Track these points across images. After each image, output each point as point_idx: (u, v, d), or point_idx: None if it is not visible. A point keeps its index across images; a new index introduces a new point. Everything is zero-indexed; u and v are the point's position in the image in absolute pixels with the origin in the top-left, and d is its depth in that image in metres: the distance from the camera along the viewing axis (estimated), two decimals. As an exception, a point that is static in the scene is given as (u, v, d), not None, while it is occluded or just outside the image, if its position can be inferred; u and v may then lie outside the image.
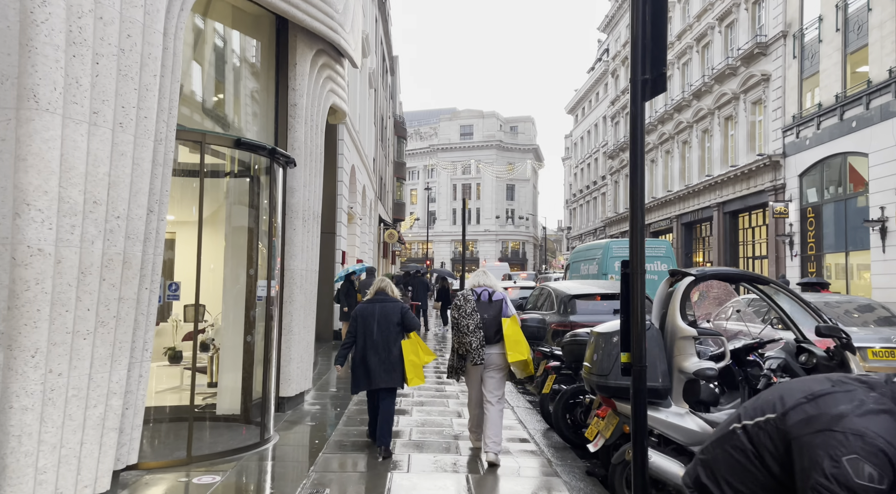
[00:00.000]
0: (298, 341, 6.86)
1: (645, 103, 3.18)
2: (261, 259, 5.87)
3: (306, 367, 7.11)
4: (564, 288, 8.54)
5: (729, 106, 28.48)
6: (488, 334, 5.27)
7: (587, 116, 55.40)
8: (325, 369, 10.38)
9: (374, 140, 24.79)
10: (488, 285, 5.50)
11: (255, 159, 5.76)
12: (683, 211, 33.60)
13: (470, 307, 5.23)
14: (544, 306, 9.11)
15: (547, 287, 9.26)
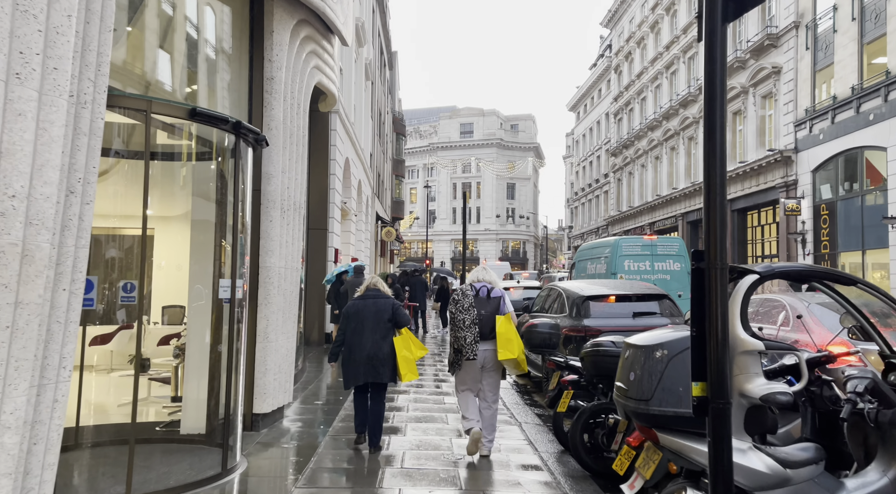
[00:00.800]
0: (276, 349, 5.99)
1: (726, 27, 2.30)
2: (224, 256, 5.01)
3: (285, 378, 6.24)
4: (576, 289, 7.69)
5: (737, 100, 27.61)
6: (484, 330, 5.27)
7: (589, 114, 54.53)
8: (314, 376, 9.52)
9: (372, 135, 23.92)
10: (488, 282, 5.50)
11: (218, 136, 4.90)
12: (689, 209, 32.74)
13: (467, 302, 5.25)
14: (553, 309, 8.25)
15: (556, 288, 8.41)
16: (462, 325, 5.21)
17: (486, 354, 5.32)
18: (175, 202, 6.03)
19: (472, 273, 5.72)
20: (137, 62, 4.95)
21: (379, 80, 28.11)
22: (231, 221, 4.71)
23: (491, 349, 5.31)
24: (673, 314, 7.23)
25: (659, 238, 13.97)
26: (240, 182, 4.80)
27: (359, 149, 17.92)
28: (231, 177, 4.76)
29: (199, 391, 5.35)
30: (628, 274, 13.57)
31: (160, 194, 6.35)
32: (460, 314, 5.24)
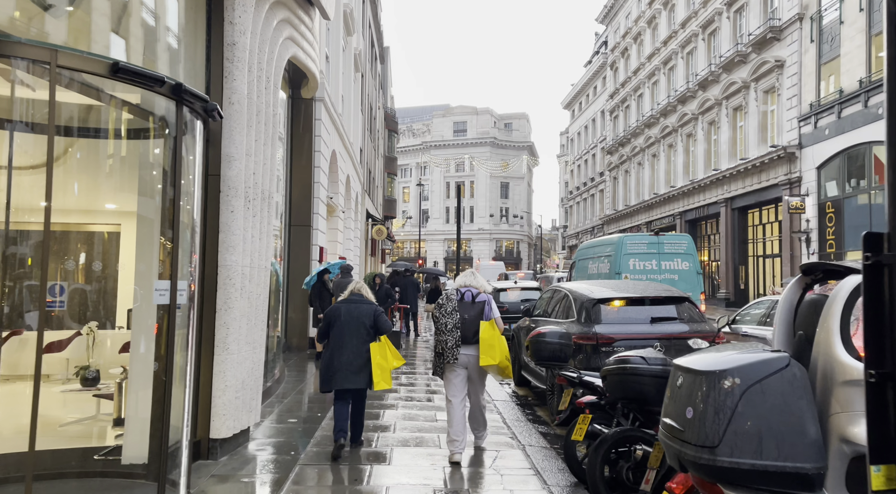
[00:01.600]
0: (239, 361, 5.10)
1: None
2: (163, 252, 4.12)
3: (251, 396, 5.35)
4: (585, 291, 6.83)
5: (738, 95, 26.89)
6: (466, 334, 5.26)
7: (584, 112, 53.80)
8: (293, 386, 8.63)
9: (362, 130, 23.01)
10: (474, 286, 5.49)
11: (160, 106, 4.00)
12: (687, 207, 32.01)
13: (451, 306, 5.25)
14: (558, 313, 7.40)
15: (562, 289, 7.55)
16: (444, 329, 5.20)
17: (469, 359, 5.29)
18: (121, 191, 5.13)
19: (460, 278, 5.70)
20: (59, 20, 4.05)
21: (370, 73, 27.21)
22: (172, 212, 3.81)
23: (474, 354, 5.28)
24: (694, 320, 6.39)
25: (666, 235, 13.14)
26: (184, 163, 3.91)
27: (347, 142, 17.02)
28: (171, 153, 3.85)
29: (141, 411, 4.46)
30: (633, 274, 12.76)
31: (117, 182, 5.46)
32: (443, 318, 5.23)
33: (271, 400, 7.41)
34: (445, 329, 5.20)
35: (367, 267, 25.15)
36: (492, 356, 5.20)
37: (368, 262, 26.15)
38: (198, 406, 4.82)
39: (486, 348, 5.21)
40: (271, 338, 9.06)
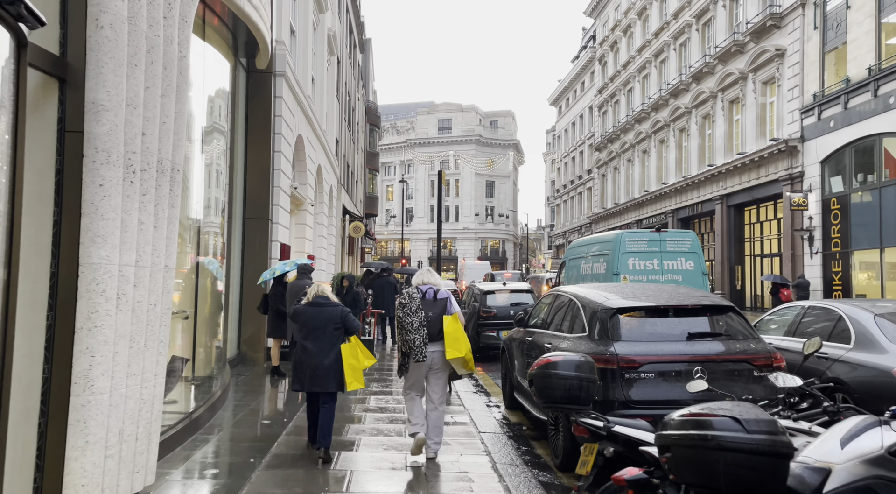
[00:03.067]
0: (114, 404, 3.53)
1: None
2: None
3: (137, 450, 3.78)
4: (598, 297, 5.33)
5: (735, 87, 25.68)
6: (432, 332, 5.30)
7: (571, 107, 52.57)
8: (232, 414, 7.04)
9: (338, 118, 21.39)
10: (433, 284, 5.56)
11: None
12: (680, 205, 30.81)
13: (415, 305, 5.29)
14: (560, 324, 5.91)
15: (565, 294, 6.05)
16: (410, 328, 5.23)
17: (434, 355, 5.35)
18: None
19: (417, 276, 5.72)
20: None
21: (347, 61, 25.59)
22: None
23: (439, 350, 5.34)
24: (745, 336, 4.92)
25: (669, 232, 11.74)
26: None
27: (318, 129, 15.40)
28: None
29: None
30: (633, 275, 11.35)
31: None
32: (408, 317, 5.25)
33: (196, 437, 5.83)
34: (412, 328, 5.21)
35: (343, 267, 23.53)
36: (458, 348, 5.26)
37: (346, 261, 24.50)
38: (42, 477, 3.25)
39: (451, 341, 5.25)
40: (210, 349, 7.47)
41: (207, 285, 7.31)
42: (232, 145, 9.16)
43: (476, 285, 13.16)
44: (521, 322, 7.11)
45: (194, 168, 6.78)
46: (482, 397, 8.48)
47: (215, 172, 8.18)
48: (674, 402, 4.27)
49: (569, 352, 3.66)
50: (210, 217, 7.77)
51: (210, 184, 7.89)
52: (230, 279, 9.52)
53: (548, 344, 5.70)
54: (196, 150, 6.96)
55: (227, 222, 8.79)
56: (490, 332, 11.71)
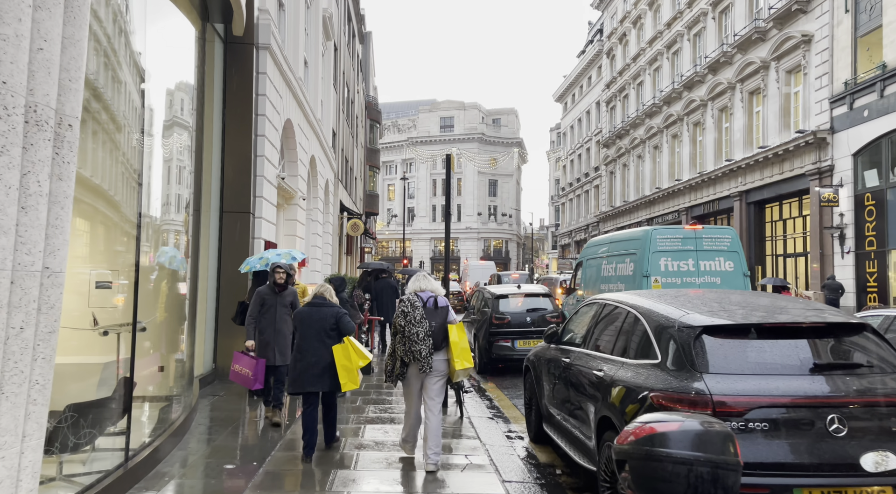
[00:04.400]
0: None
1: None
2: None
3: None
4: (671, 311, 3.87)
5: (756, 77, 24.27)
6: (436, 341, 5.17)
7: (578, 103, 51.16)
8: (196, 448, 5.65)
9: (335, 108, 20.01)
10: (432, 291, 5.37)
11: None
12: (695, 202, 29.38)
13: (419, 314, 5.14)
14: (611, 343, 4.50)
15: (618, 304, 4.61)
16: (416, 338, 5.06)
17: (437, 364, 5.22)
18: None
19: (414, 282, 5.49)
20: None
21: (345, 49, 24.22)
22: None
23: (441, 359, 5.23)
24: (891, 365, 3.49)
25: (705, 228, 10.34)
26: None
27: (311, 116, 14.00)
28: None
29: None
30: (665, 277, 9.97)
31: None
32: (413, 327, 5.09)
33: (140, 487, 4.44)
34: (418, 339, 5.06)
35: (341, 268, 22.11)
36: (466, 359, 5.16)
37: (343, 262, 23.09)
38: None
39: (459, 352, 5.14)
40: (169, 366, 6.11)
41: (168, 290, 5.95)
42: (201, 126, 7.75)
43: (487, 289, 11.76)
44: (552, 338, 5.70)
45: (148, 152, 5.41)
46: (500, 424, 7.09)
47: (177, 157, 6.81)
48: (800, 467, 2.87)
49: (684, 419, 2.22)
50: (170, 215, 6.41)
51: (170, 170, 6.53)
52: (201, 282, 8.14)
53: (598, 371, 4.31)
54: (151, 130, 5.61)
55: (193, 216, 7.40)
56: (504, 341, 10.32)
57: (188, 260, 7.24)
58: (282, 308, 6.79)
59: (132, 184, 5.23)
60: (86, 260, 4.76)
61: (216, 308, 8.81)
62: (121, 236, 5.17)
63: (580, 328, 5.22)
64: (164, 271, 6.26)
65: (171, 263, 6.22)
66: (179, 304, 6.63)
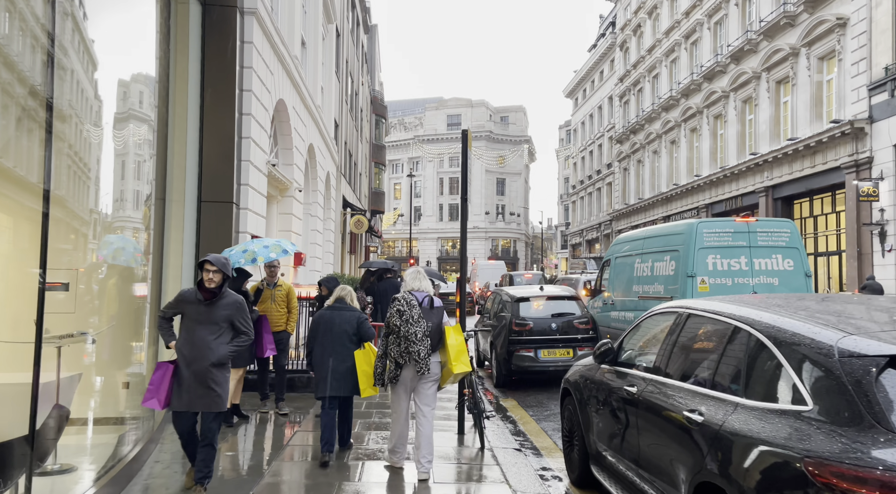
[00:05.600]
0: None
1: None
2: None
3: None
4: (823, 330, 2.56)
5: (783, 65, 22.87)
6: (432, 342, 4.98)
7: (589, 99, 49.76)
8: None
9: (338, 98, 18.77)
10: (427, 291, 5.18)
11: None
12: (716, 199, 27.98)
13: (416, 313, 4.94)
14: (711, 373, 3.18)
15: (699, 311, 3.32)
16: (414, 338, 4.85)
17: (433, 367, 5.02)
18: None
19: (412, 280, 5.24)
20: None
21: (350, 37, 22.97)
22: None
23: (436, 361, 5.05)
24: None
25: (759, 221, 9.02)
26: None
27: (309, 101, 12.74)
28: None
29: None
30: (713, 277, 8.67)
31: None
32: (410, 327, 4.86)
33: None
34: (416, 339, 4.84)
35: (344, 267, 20.85)
36: (465, 362, 4.98)
37: (347, 261, 21.82)
38: None
39: (457, 353, 4.93)
40: (116, 387, 4.88)
41: (119, 292, 4.73)
42: (169, 100, 6.50)
43: (504, 290, 10.46)
44: (606, 356, 4.39)
45: (99, 132, 4.24)
46: (529, 457, 5.80)
47: (135, 137, 5.64)
48: None
49: None
50: (125, 210, 5.24)
51: (128, 155, 5.38)
52: (171, 283, 6.88)
53: (691, 413, 3.01)
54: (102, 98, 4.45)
55: (156, 207, 6.16)
56: (526, 351, 9.02)
57: (149, 258, 6.00)
58: (206, 328, 4.40)
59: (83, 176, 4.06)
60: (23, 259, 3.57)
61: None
62: (67, 232, 4.03)
63: (649, 347, 3.92)
64: (113, 269, 5.01)
65: (115, 256, 5.00)
66: (135, 308, 5.38)
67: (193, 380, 4.27)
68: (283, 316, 7.25)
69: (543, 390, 9.28)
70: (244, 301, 4.61)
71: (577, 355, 9.07)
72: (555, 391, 9.15)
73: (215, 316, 4.37)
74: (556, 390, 9.65)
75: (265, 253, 6.44)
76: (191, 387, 4.28)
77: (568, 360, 9.03)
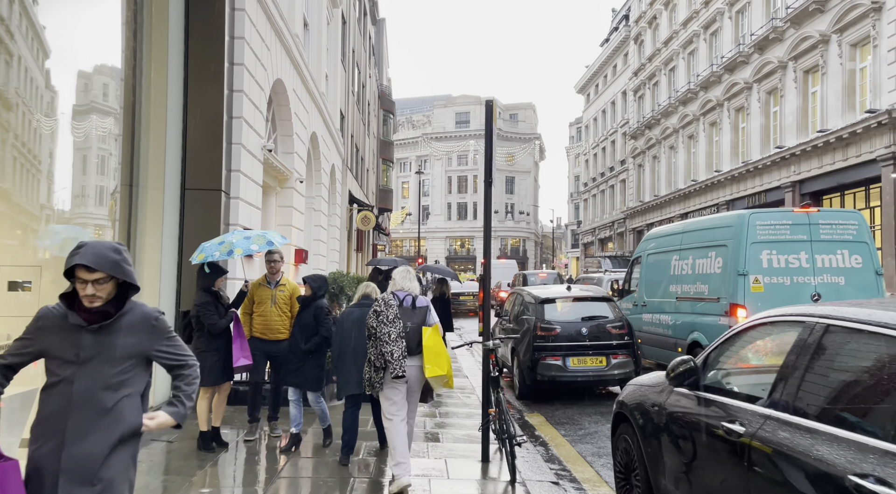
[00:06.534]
0: None
1: None
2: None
3: None
4: None
5: (812, 54, 21.71)
6: (411, 344, 4.76)
7: (601, 94, 48.61)
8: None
9: (344, 88, 17.82)
10: (411, 291, 4.96)
11: None
12: (737, 195, 26.83)
13: (392, 314, 4.74)
14: (848, 403, 2.17)
15: (840, 322, 2.37)
16: (387, 338, 4.66)
17: (413, 370, 4.77)
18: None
19: (401, 279, 4.99)
20: None
21: (357, 27, 22.02)
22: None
23: (417, 365, 4.77)
24: None
25: (822, 211, 7.96)
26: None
27: (312, 85, 11.77)
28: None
29: None
30: (769, 275, 7.65)
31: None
32: (384, 327, 4.68)
33: None
34: (389, 339, 4.64)
35: (350, 266, 19.87)
36: (439, 365, 4.65)
37: (353, 259, 20.85)
38: None
39: (431, 356, 4.65)
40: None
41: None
42: (141, 71, 5.54)
43: (526, 291, 9.44)
44: (685, 378, 3.36)
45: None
46: (569, 491, 4.78)
47: (98, 130, 4.81)
48: None
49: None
50: (87, 206, 4.38)
51: (90, 150, 4.62)
52: (148, 281, 5.92)
53: (866, 482, 1.99)
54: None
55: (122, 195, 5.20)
56: (552, 359, 8.00)
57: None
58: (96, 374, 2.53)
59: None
60: None
61: (175, 314, 6.60)
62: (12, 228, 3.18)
63: (757, 369, 2.91)
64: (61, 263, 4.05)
65: (63, 247, 4.09)
66: None
67: (67, 480, 2.30)
68: (284, 322, 5.97)
69: (573, 403, 8.26)
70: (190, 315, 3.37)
71: (610, 363, 8.04)
72: (587, 405, 8.11)
73: (110, 352, 2.42)
74: (587, 403, 8.52)
75: (245, 245, 5.39)
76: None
77: (601, 370, 8.01)
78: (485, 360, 5.41)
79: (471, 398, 8.25)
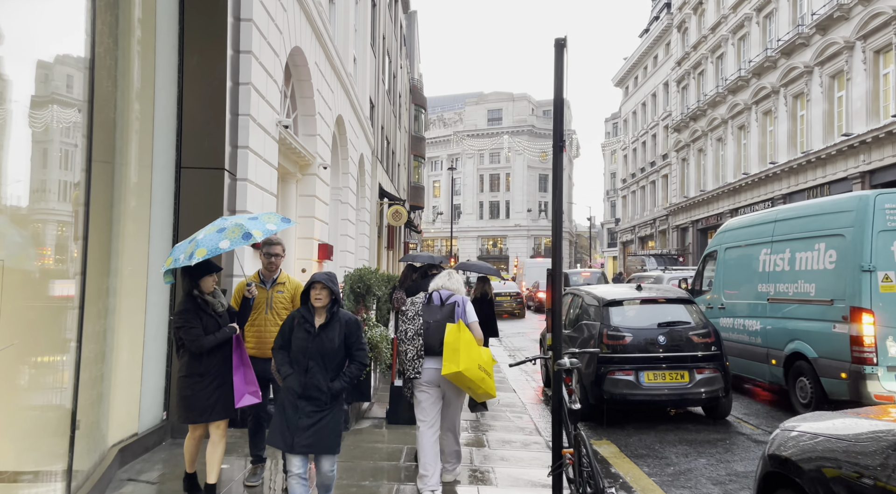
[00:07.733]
0: None
1: None
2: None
3: None
4: None
5: (883, 32, 19.74)
6: (433, 343, 4.38)
7: (641, 86, 46.64)
8: None
9: (374, 76, 16.65)
10: (449, 289, 4.62)
11: None
12: (795, 188, 24.84)
13: (412, 311, 4.52)
14: None
15: None
16: (404, 337, 4.48)
17: (432, 373, 4.39)
18: None
19: (436, 280, 4.73)
20: None
21: (388, 12, 20.85)
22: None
23: (434, 367, 4.39)
24: None
25: None
26: None
27: (338, 62, 10.58)
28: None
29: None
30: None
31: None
32: (403, 325, 4.51)
33: None
34: (405, 338, 4.46)
35: (381, 263, 18.66)
36: (454, 361, 4.18)
37: (384, 257, 19.65)
38: None
39: (448, 353, 4.23)
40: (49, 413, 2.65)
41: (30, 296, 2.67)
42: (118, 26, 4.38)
43: (586, 291, 8.04)
44: None
45: None
46: None
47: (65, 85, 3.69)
48: None
49: None
50: (48, 202, 3.15)
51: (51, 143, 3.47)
52: (132, 279, 4.74)
53: None
54: None
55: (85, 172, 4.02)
56: (622, 373, 6.60)
57: (78, 242, 3.88)
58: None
59: None
60: None
61: (169, 319, 5.43)
62: None
63: None
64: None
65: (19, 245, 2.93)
66: (49, 313, 3.29)
67: None
68: None
69: (648, 427, 6.85)
70: None
71: (694, 379, 6.61)
72: (667, 431, 6.57)
73: None
74: (665, 427, 6.71)
75: (211, 243, 3.77)
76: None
77: (682, 387, 6.59)
78: (555, 385, 4.07)
79: (522, 418, 6.92)
